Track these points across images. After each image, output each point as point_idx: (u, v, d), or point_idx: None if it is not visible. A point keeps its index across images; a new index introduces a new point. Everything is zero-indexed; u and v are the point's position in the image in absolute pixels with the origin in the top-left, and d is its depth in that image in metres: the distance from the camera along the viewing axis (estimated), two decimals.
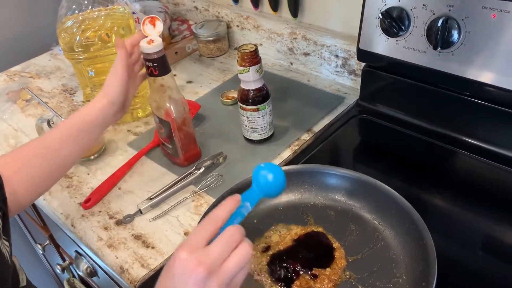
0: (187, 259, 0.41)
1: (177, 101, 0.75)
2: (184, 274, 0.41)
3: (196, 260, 0.41)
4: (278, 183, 0.52)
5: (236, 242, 0.44)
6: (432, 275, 0.53)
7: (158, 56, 0.69)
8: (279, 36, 1.08)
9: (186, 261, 0.41)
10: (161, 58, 0.70)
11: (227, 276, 0.43)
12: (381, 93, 0.89)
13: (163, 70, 0.71)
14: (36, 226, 1.15)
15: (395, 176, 0.77)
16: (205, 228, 0.45)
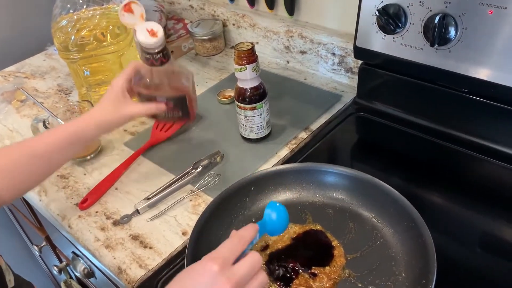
0: (218, 273, 0.43)
1: (183, 73, 0.74)
2: (212, 287, 0.43)
3: (226, 277, 0.43)
4: (282, 227, 0.56)
5: (258, 268, 0.47)
6: (431, 272, 0.53)
7: (164, 44, 0.68)
8: (275, 35, 1.07)
9: (217, 275, 0.43)
10: (165, 44, 0.69)
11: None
12: (378, 91, 0.89)
13: (168, 54, 0.70)
14: (32, 228, 1.15)
15: (393, 174, 0.77)
16: (235, 246, 0.47)
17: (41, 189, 0.81)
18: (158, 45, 0.67)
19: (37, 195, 0.80)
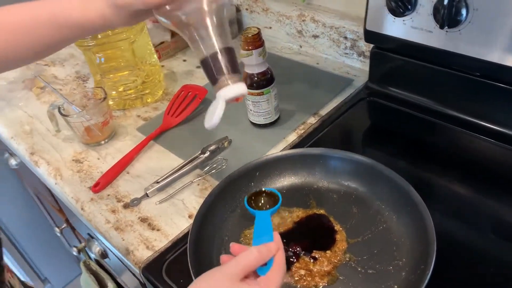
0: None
1: None
2: None
3: None
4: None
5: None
6: (430, 257, 0.53)
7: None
8: (287, 19, 1.07)
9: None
10: None
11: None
12: (390, 75, 0.87)
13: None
14: (54, 210, 1.19)
15: (402, 159, 0.76)
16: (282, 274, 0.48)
17: (56, 172, 0.84)
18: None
19: (53, 178, 0.84)
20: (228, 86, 0.51)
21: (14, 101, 1.07)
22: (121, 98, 0.98)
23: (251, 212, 0.59)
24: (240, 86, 0.51)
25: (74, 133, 0.89)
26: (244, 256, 0.46)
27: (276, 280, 0.45)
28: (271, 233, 0.51)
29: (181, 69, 1.10)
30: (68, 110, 0.87)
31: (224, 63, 0.51)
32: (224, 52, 0.51)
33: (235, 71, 0.52)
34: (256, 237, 0.52)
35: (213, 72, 0.51)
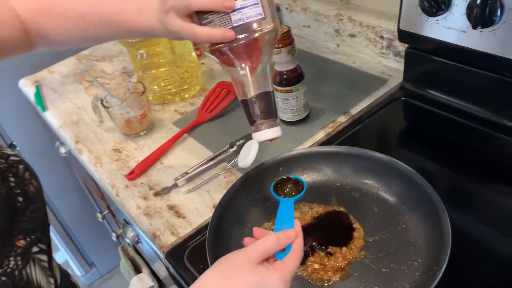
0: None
1: None
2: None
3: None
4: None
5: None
6: (443, 260, 0.53)
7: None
8: (325, 18, 1.07)
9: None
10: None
11: None
12: (424, 75, 0.86)
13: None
14: (97, 197, 1.27)
15: (432, 161, 0.75)
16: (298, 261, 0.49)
17: (97, 160, 0.90)
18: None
19: (94, 166, 0.90)
20: (262, 130, 0.55)
21: (65, 93, 1.15)
22: (161, 93, 1.03)
23: (276, 198, 0.60)
24: (273, 131, 0.55)
25: (115, 124, 0.95)
26: (263, 241, 0.48)
27: (292, 265, 0.47)
28: (292, 220, 0.53)
29: (220, 67, 1.13)
30: (110, 103, 0.93)
31: (260, 108, 0.54)
32: (262, 97, 0.54)
33: (270, 116, 0.55)
34: (278, 223, 0.54)
35: (250, 115, 0.55)
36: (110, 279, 1.95)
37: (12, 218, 0.46)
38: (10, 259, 0.42)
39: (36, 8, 0.62)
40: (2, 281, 0.40)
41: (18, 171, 0.50)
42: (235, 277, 0.45)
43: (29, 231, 0.46)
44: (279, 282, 0.45)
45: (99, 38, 0.66)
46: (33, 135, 1.48)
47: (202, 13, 0.53)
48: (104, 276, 1.96)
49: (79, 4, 0.63)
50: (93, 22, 0.62)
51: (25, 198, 0.49)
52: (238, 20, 0.52)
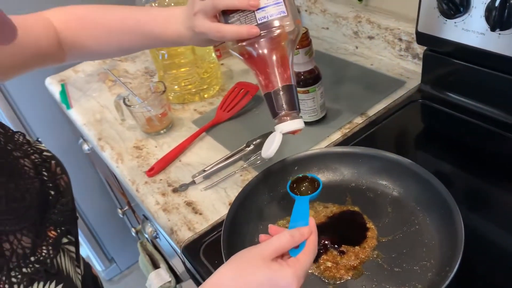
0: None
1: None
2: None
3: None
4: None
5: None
6: (455, 260, 0.53)
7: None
8: (344, 20, 1.08)
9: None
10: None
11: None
12: (442, 78, 0.86)
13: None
14: (118, 193, 1.30)
15: (448, 163, 0.75)
16: (311, 259, 0.49)
17: (118, 157, 0.93)
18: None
19: (115, 162, 0.92)
20: (286, 121, 0.56)
21: (89, 92, 1.19)
22: (181, 93, 1.05)
23: (291, 196, 0.61)
24: (297, 122, 0.57)
25: (136, 123, 0.98)
26: (277, 238, 0.49)
27: (305, 262, 0.48)
28: (307, 218, 0.54)
29: (239, 67, 1.15)
30: (132, 101, 0.95)
31: (284, 100, 0.56)
32: (286, 89, 0.56)
33: (294, 108, 0.57)
34: (293, 220, 0.55)
35: (274, 107, 0.57)
36: (129, 275, 1.99)
37: (44, 210, 0.49)
38: (43, 248, 0.45)
39: (69, 20, 0.66)
40: (36, 268, 0.43)
41: (50, 166, 0.53)
42: (248, 272, 0.46)
43: (59, 223, 0.49)
44: (292, 278, 0.46)
45: (129, 48, 0.70)
46: (58, 132, 1.52)
47: (228, 13, 0.56)
48: (123, 272, 2.00)
49: (110, 17, 0.67)
50: (124, 33, 0.66)
51: (56, 192, 0.51)
52: (262, 17, 0.54)
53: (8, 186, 0.44)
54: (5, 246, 0.41)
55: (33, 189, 0.48)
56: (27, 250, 0.43)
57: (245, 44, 0.56)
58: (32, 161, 0.51)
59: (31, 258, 0.43)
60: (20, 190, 0.46)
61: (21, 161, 0.49)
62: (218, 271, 0.48)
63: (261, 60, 0.56)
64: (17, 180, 0.47)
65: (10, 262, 0.41)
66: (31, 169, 0.50)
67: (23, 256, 0.42)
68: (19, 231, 0.43)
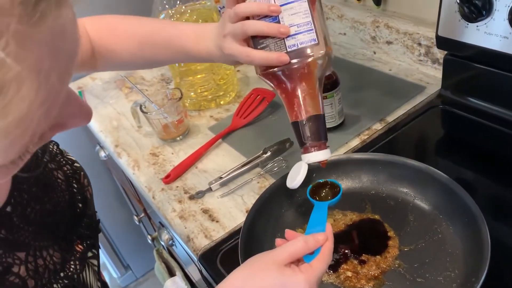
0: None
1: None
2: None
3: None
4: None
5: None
6: (482, 270, 0.51)
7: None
8: (362, 25, 1.07)
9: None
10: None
11: None
12: (464, 83, 0.84)
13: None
14: (134, 200, 1.30)
15: (471, 170, 0.73)
16: (326, 265, 0.49)
17: (135, 164, 0.93)
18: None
19: (132, 169, 0.92)
20: (312, 152, 0.56)
21: (106, 99, 1.20)
22: (197, 99, 1.05)
23: (311, 201, 0.60)
24: (323, 153, 0.56)
25: (153, 129, 0.98)
26: (291, 243, 0.49)
27: (319, 268, 0.47)
28: (325, 224, 0.53)
29: (255, 74, 1.13)
30: (149, 108, 0.96)
31: (311, 130, 0.55)
32: (313, 119, 0.55)
33: (320, 138, 0.56)
34: (310, 226, 0.54)
35: (301, 136, 0.56)
36: (144, 282, 1.99)
37: (73, 224, 0.49)
38: (71, 263, 0.45)
39: (101, 29, 0.67)
40: (65, 284, 0.42)
41: (80, 177, 0.53)
42: (260, 276, 0.46)
43: (85, 236, 0.49)
44: (303, 284, 0.45)
45: (160, 61, 0.70)
46: (75, 139, 1.53)
47: (258, 38, 0.55)
48: (139, 279, 2.00)
49: (143, 29, 0.67)
50: (155, 45, 0.66)
51: (83, 204, 0.51)
52: (292, 45, 0.53)
53: (43, 200, 0.44)
54: (39, 262, 0.41)
55: (64, 202, 0.48)
56: (57, 266, 0.43)
57: (274, 71, 0.55)
58: (64, 173, 0.51)
59: (61, 274, 0.43)
60: (53, 204, 0.46)
61: (55, 173, 0.49)
62: (233, 273, 0.48)
63: (290, 88, 0.55)
64: (51, 193, 0.47)
65: (43, 278, 0.41)
66: (63, 181, 0.49)
67: (54, 272, 0.42)
68: (52, 246, 0.43)
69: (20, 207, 0.42)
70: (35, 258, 0.41)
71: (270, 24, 0.53)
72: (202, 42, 0.62)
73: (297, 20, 0.53)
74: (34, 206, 0.43)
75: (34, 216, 0.42)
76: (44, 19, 0.24)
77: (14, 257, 0.40)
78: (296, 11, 0.53)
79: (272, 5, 0.53)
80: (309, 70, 0.54)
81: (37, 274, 0.40)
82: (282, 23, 0.53)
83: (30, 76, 0.25)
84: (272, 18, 0.53)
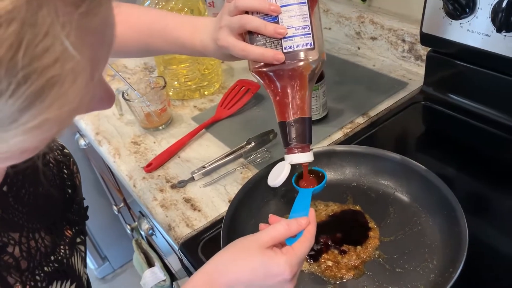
0: (288, 282, 0.47)
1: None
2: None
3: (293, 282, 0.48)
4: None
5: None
6: (459, 261, 0.52)
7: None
8: (347, 20, 1.07)
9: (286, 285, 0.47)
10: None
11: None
12: (446, 80, 0.85)
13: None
14: (113, 189, 1.28)
15: (450, 165, 0.75)
16: (308, 249, 0.49)
17: (116, 152, 0.92)
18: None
19: (113, 157, 0.91)
20: (295, 154, 0.57)
21: None
22: (181, 89, 1.04)
23: (296, 188, 0.60)
24: (306, 156, 0.57)
25: (135, 118, 0.97)
26: (274, 227, 0.49)
27: (300, 251, 0.48)
28: (308, 210, 0.53)
29: (240, 65, 1.14)
30: (131, 96, 0.94)
31: (297, 132, 0.56)
32: (300, 122, 0.56)
33: (305, 141, 0.57)
34: (293, 212, 0.54)
35: (287, 137, 0.57)
36: (122, 274, 1.97)
37: (63, 209, 0.48)
38: (61, 248, 0.45)
39: None
40: (55, 267, 0.42)
41: (70, 163, 0.52)
42: (242, 257, 0.47)
43: (74, 222, 0.49)
44: (284, 266, 0.46)
45: (153, 50, 0.69)
46: None
47: (254, 35, 0.55)
48: (116, 271, 1.98)
49: (143, 17, 0.66)
50: (152, 34, 0.65)
51: (73, 190, 0.51)
52: (288, 47, 0.53)
53: (36, 182, 0.44)
54: (31, 244, 0.41)
55: (55, 186, 0.48)
56: (48, 249, 0.43)
57: (267, 69, 0.55)
58: (54, 158, 0.50)
59: (51, 257, 0.43)
60: (44, 187, 0.46)
61: (47, 157, 0.49)
62: (215, 257, 0.48)
63: (280, 89, 0.56)
64: (43, 176, 0.46)
65: (35, 260, 0.41)
66: (54, 166, 0.49)
67: (45, 255, 0.42)
68: (43, 229, 0.43)
69: (15, 188, 0.42)
70: (28, 239, 0.41)
71: (268, 23, 0.53)
72: (198, 34, 0.61)
73: (296, 23, 0.53)
74: (28, 188, 0.42)
75: (27, 198, 0.42)
76: (99, 8, 0.24)
77: (9, 237, 0.40)
78: (296, 13, 0.53)
79: (273, 4, 0.53)
80: (302, 73, 0.55)
81: (29, 256, 0.40)
82: (280, 24, 0.53)
83: (86, 67, 0.25)
84: (271, 18, 0.53)
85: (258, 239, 0.47)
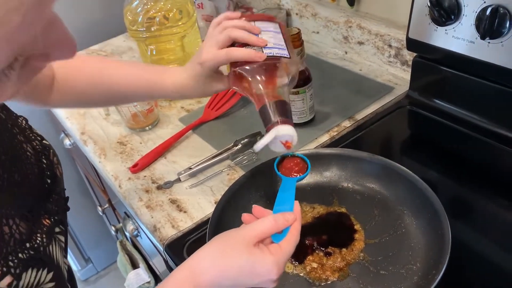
0: (274, 281, 0.47)
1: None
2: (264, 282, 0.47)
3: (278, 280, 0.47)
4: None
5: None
6: (442, 263, 0.53)
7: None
8: (335, 24, 1.08)
9: (272, 282, 0.47)
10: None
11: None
12: (431, 85, 0.87)
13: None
14: (98, 190, 1.27)
15: (433, 169, 0.76)
16: (294, 246, 0.49)
17: (101, 152, 0.91)
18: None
19: (98, 157, 0.90)
20: (278, 126, 0.55)
21: None
22: None
23: (278, 176, 0.59)
24: (291, 128, 0.56)
25: (121, 118, 0.96)
26: (260, 222, 0.49)
27: (288, 249, 0.47)
28: (293, 202, 0.52)
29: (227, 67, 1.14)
30: None
31: (279, 110, 0.56)
32: (281, 103, 0.57)
33: (288, 116, 0.57)
34: (278, 203, 0.53)
35: (269, 116, 0.56)
36: (105, 276, 1.95)
37: (41, 198, 0.48)
38: (38, 236, 0.44)
39: (70, 61, 0.65)
40: (31, 255, 0.42)
41: (49, 154, 0.52)
42: (229, 255, 0.46)
43: (53, 212, 0.48)
44: (272, 266, 0.46)
45: (117, 96, 0.69)
46: (39, 126, 1.47)
47: (237, 46, 0.61)
48: (100, 273, 1.96)
49: (111, 62, 0.70)
50: (118, 76, 0.67)
51: (52, 181, 0.51)
52: (269, 53, 0.60)
53: (11, 169, 0.44)
54: (4, 230, 0.41)
55: (33, 175, 0.47)
56: (23, 236, 0.42)
57: (249, 66, 0.59)
58: (33, 147, 0.50)
59: (27, 244, 0.42)
60: (21, 175, 0.45)
61: (24, 146, 0.49)
62: (199, 252, 0.47)
63: (259, 80, 0.58)
64: (20, 164, 0.46)
65: (8, 246, 0.40)
66: (32, 155, 0.49)
67: (20, 241, 0.42)
68: (18, 216, 0.42)
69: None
70: (0, 224, 0.40)
71: (252, 34, 0.60)
72: (169, 72, 0.66)
73: (273, 40, 0.61)
74: (2, 174, 0.42)
75: (1, 184, 0.41)
76: None
77: None
78: (272, 35, 0.62)
79: (253, 26, 0.61)
80: (280, 66, 0.59)
81: (2, 241, 0.40)
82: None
83: None
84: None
85: (245, 235, 0.47)
